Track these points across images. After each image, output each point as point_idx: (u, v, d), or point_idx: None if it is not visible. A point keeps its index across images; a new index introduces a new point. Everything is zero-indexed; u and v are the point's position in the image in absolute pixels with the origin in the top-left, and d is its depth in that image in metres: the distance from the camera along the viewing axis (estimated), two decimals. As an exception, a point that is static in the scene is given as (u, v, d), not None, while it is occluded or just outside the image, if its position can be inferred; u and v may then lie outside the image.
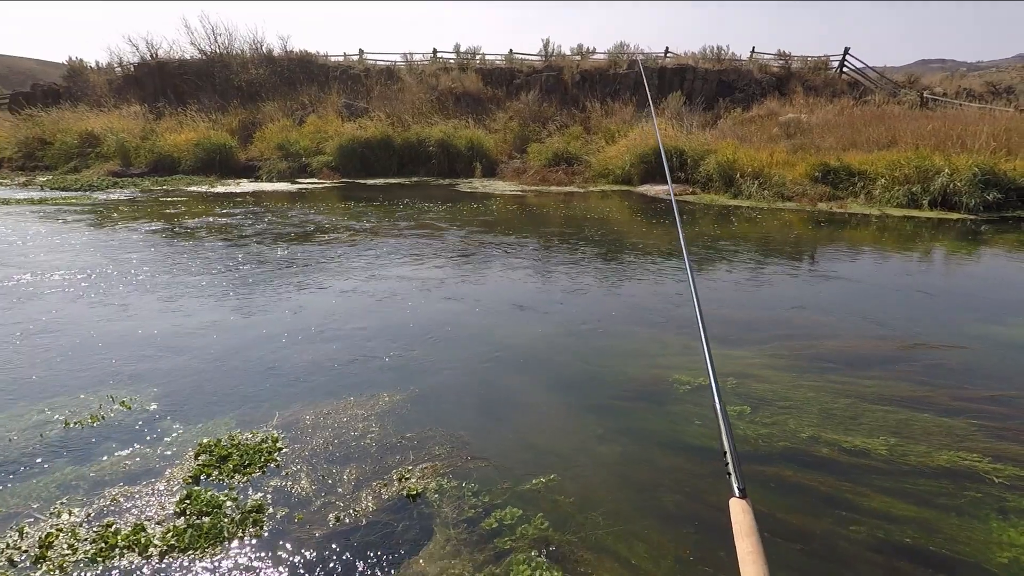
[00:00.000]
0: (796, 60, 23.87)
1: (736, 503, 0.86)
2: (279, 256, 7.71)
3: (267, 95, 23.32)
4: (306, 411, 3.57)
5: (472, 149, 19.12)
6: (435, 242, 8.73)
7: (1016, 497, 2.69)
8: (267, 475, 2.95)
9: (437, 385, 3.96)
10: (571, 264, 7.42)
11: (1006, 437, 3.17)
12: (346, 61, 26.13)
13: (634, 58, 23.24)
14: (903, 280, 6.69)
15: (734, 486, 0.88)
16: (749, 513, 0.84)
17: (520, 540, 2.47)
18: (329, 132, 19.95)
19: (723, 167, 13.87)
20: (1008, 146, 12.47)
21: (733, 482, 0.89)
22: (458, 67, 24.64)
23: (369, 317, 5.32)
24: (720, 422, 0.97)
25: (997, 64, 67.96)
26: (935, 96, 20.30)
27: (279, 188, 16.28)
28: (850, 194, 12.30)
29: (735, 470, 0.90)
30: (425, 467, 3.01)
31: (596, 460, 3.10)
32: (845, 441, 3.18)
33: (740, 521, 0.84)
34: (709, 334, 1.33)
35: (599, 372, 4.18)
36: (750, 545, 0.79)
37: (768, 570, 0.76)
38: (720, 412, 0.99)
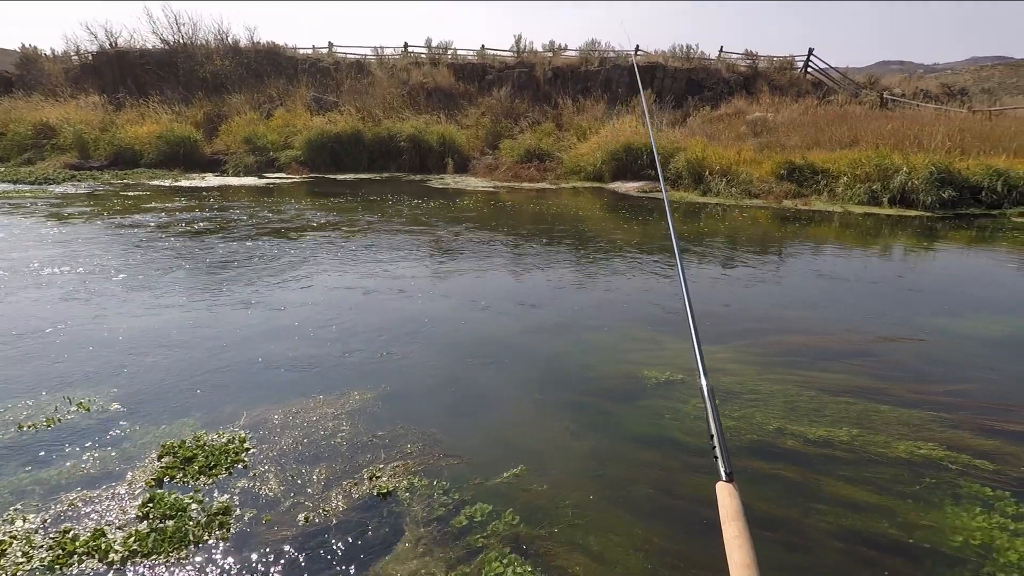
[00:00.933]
0: (762, 60, 24.30)
1: (723, 487, 0.85)
2: (246, 253, 7.55)
3: (233, 87, 22.76)
4: (274, 410, 3.50)
5: (444, 145, 18.99)
6: (406, 239, 8.66)
7: (968, 483, 2.79)
8: (234, 476, 2.89)
9: (409, 382, 3.93)
10: (544, 261, 7.44)
11: (960, 426, 3.30)
12: (315, 54, 25.67)
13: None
14: (865, 276, 6.88)
15: (721, 470, 0.87)
16: (736, 497, 0.83)
17: (491, 537, 2.47)
18: (298, 126, 19.59)
19: (692, 165, 14.05)
20: (962, 146, 12.93)
21: (720, 466, 0.87)
22: (429, 62, 24.43)
23: (339, 315, 5.25)
24: (707, 406, 0.96)
25: (952, 66, 70.35)
26: (894, 97, 20.90)
27: (246, 183, 15.93)
28: (814, 192, 12.60)
29: (722, 454, 0.88)
30: (396, 465, 2.99)
31: (567, 455, 3.11)
32: (810, 432, 3.26)
33: (727, 505, 0.83)
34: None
35: (571, 368, 4.21)
36: (736, 529, 0.79)
37: (754, 554, 0.75)
38: (707, 396, 0.97)
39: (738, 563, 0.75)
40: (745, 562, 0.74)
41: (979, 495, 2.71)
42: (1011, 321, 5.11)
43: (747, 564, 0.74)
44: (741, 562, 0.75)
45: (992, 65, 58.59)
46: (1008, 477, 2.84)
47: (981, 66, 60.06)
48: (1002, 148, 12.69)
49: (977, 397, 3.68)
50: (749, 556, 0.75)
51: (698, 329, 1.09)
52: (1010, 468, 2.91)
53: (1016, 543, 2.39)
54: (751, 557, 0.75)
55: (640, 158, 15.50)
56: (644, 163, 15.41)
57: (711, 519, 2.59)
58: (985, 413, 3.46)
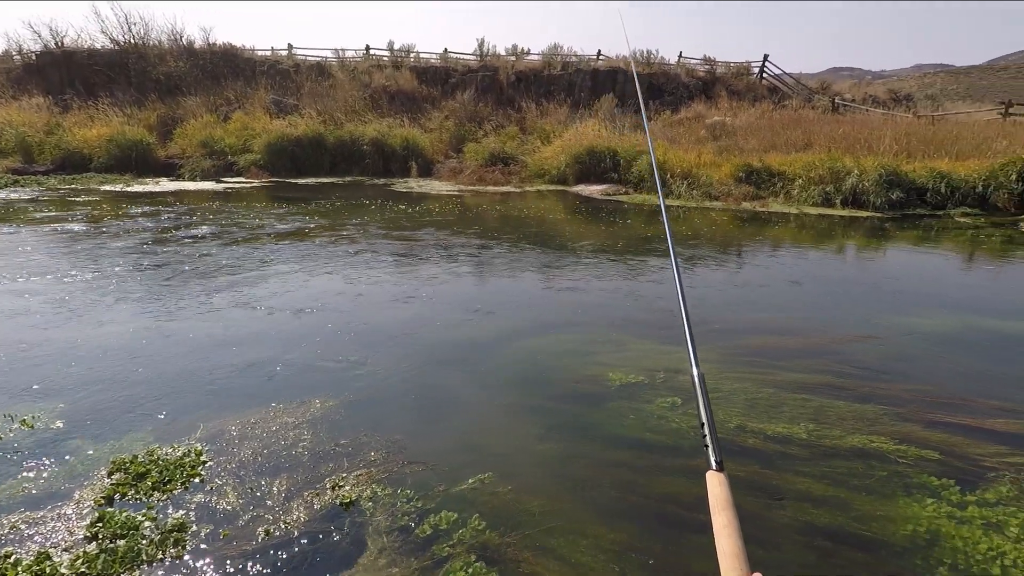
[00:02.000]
0: (720, 65, 24.87)
1: (713, 476, 0.85)
2: (201, 260, 7.34)
3: (188, 89, 22.13)
4: (232, 421, 3.41)
5: (407, 148, 18.85)
6: (369, 244, 8.55)
7: (917, 474, 2.90)
8: (190, 491, 2.80)
9: (372, 389, 3.87)
10: (509, 265, 7.44)
11: (910, 419, 3.42)
12: (274, 56, 25.19)
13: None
14: (820, 277, 7.09)
15: (711, 459, 0.87)
16: (726, 486, 0.83)
17: (457, 545, 2.45)
18: (257, 129, 19.16)
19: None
20: (908, 149, 13.46)
21: (710, 455, 0.87)
22: (392, 65, 24.23)
23: (299, 322, 5.15)
24: (698, 395, 0.95)
25: (898, 73, 73.27)
26: (845, 102, 21.66)
27: (203, 187, 15.50)
28: (771, 194, 12.94)
29: (712, 443, 0.88)
30: (360, 474, 2.94)
31: (534, 459, 3.11)
32: (769, 429, 3.34)
33: (716, 494, 0.83)
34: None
35: (537, 372, 4.21)
36: (726, 518, 0.78)
37: (743, 543, 0.75)
38: (699, 385, 0.96)
39: (727, 552, 0.75)
40: (734, 551, 0.74)
41: (927, 485, 2.82)
42: (957, 318, 5.33)
43: (736, 553, 0.74)
44: (730, 551, 0.74)
45: (935, 72, 61.34)
46: (953, 467, 2.96)
47: (925, 73, 62.78)
48: (944, 152, 13.26)
49: (926, 391, 3.82)
50: (738, 545, 0.75)
51: (691, 321, 1.08)
52: (955, 459, 3.03)
53: (961, 530, 2.49)
54: (740, 546, 0.75)
55: (603, 161, 15.67)
56: (607, 166, 15.58)
57: (677, 517, 2.63)
58: (932, 407, 3.59)
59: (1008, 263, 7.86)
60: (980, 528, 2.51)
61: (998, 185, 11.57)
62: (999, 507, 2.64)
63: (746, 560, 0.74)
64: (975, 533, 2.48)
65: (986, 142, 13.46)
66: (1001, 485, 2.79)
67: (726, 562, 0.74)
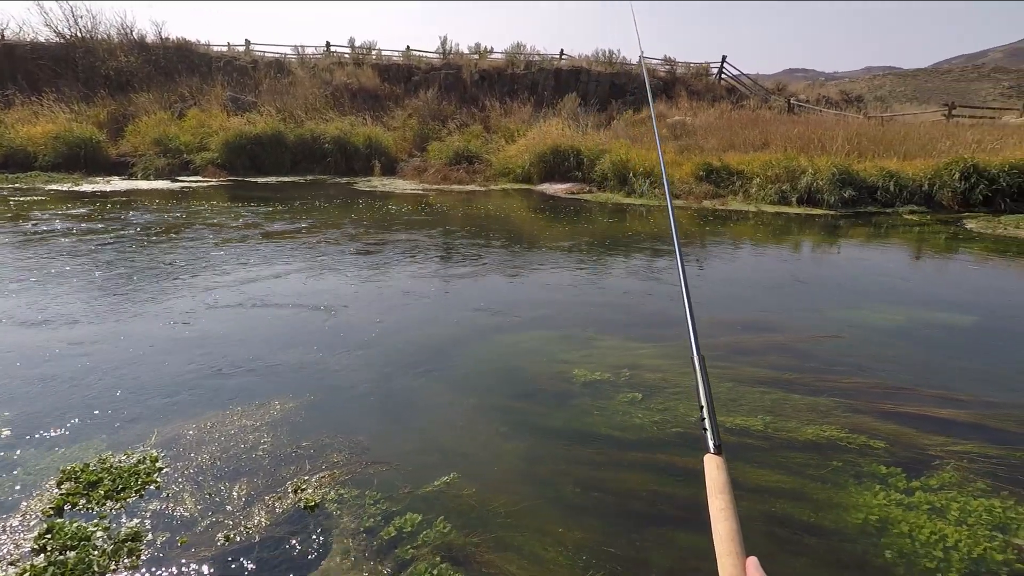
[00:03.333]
0: (680, 66, 25.33)
1: (711, 459, 0.85)
2: (156, 261, 7.12)
3: (140, 85, 21.40)
4: (189, 426, 3.32)
5: (370, 147, 18.63)
6: (331, 243, 8.43)
7: (868, 463, 3.02)
8: (145, 499, 2.72)
9: (334, 390, 3.82)
10: (474, 264, 7.43)
11: (860, 411, 3.55)
12: (230, 51, 24.57)
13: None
14: (777, 272, 7.30)
15: (709, 442, 0.87)
16: (723, 469, 0.82)
17: (422, 547, 2.44)
18: (214, 127, 18.66)
19: (617, 166, 14.45)
20: (859, 149, 13.96)
21: (708, 438, 0.87)
22: (353, 62, 23.92)
23: (259, 323, 5.04)
24: (698, 377, 0.95)
25: (849, 75, 75.89)
26: (800, 103, 22.32)
27: (157, 186, 15.02)
28: (730, 192, 13.24)
29: (711, 426, 0.88)
30: (323, 476, 2.90)
31: (499, 458, 3.12)
32: (728, 421, 3.42)
33: (714, 477, 0.82)
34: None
35: (502, 371, 4.22)
36: (723, 502, 0.78)
37: (740, 527, 0.75)
38: (698, 368, 0.96)
39: (723, 535, 0.75)
40: (730, 535, 0.74)
41: (877, 473, 2.93)
42: (905, 311, 5.56)
43: (732, 537, 0.74)
44: (727, 534, 0.75)
45: (884, 74, 63.69)
46: (901, 456, 3.09)
47: (875, 75, 65.15)
48: (893, 151, 13.79)
49: (875, 383, 3.97)
50: (735, 528, 0.75)
51: (692, 306, 1.08)
52: (902, 448, 3.16)
53: (907, 516, 2.60)
54: (736, 530, 0.75)
55: (567, 160, 15.79)
56: (571, 165, 15.71)
57: (639, 511, 2.67)
58: (881, 397, 3.74)
59: (951, 258, 8.23)
60: (925, 513, 2.62)
61: (942, 184, 12.10)
62: (942, 492, 2.77)
63: (742, 544, 0.74)
64: (920, 518, 2.59)
65: (931, 142, 14.05)
66: (944, 472, 2.93)
67: (722, 546, 0.74)
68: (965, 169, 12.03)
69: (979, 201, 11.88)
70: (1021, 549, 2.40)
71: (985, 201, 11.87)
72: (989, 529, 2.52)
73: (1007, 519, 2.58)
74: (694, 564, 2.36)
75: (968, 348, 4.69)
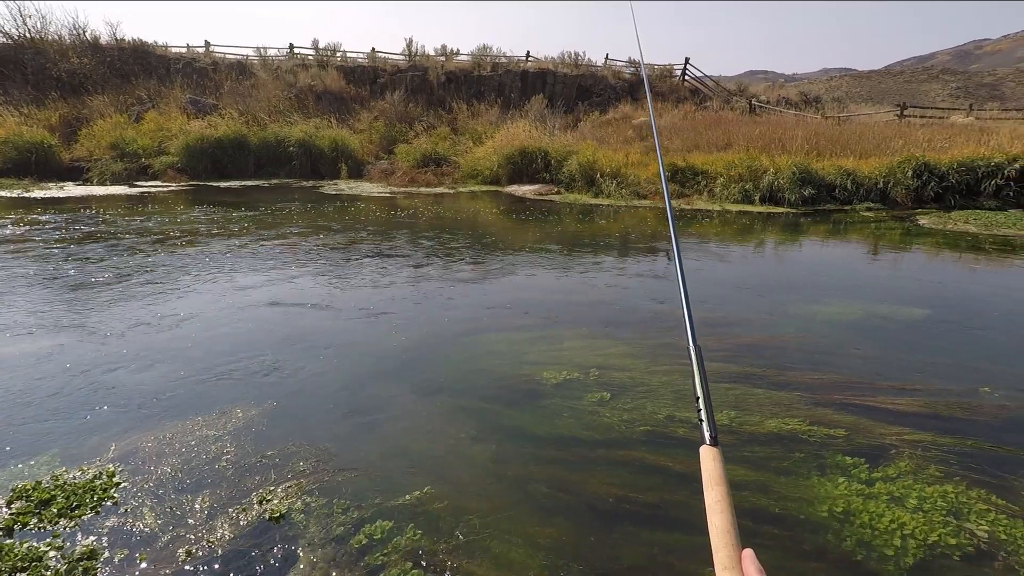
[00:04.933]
0: (645, 68, 25.67)
1: (707, 451, 0.84)
2: (113, 268, 6.90)
3: (94, 88, 20.75)
4: (147, 438, 3.22)
5: (336, 150, 18.42)
6: (296, 248, 8.29)
7: (830, 454, 3.10)
8: (102, 515, 2.62)
9: (299, 397, 3.75)
10: (442, 266, 7.39)
11: (821, 404, 3.64)
12: (190, 53, 24.00)
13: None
14: (741, 270, 7.44)
15: (705, 434, 0.86)
16: (719, 461, 0.82)
17: (392, 553, 2.41)
18: (173, 130, 18.21)
19: (584, 167, 14.57)
20: (818, 148, 14.36)
21: (705, 429, 0.86)
22: (317, 64, 23.61)
23: (219, 331, 4.92)
24: (694, 368, 0.94)
25: (807, 76, 78.02)
26: (761, 104, 22.83)
27: (114, 192, 14.57)
28: (695, 192, 13.47)
29: (707, 418, 0.87)
30: (289, 486, 2.84)
31: (469, 461, 3.11)
32: (695, 418, 3.46)
33: (710, 469, 0.82)
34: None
35: (471, 373, 4.20)
36: (718, 494, 0.78)
37: (735, 519, 0.75)
38: (695, 358, 0.95)
39: (719, 527, 0.74)
40: (726, 527, 0.74)
41: (840, 464, 3.01)
42: (862, 306, 5.72)
43: (728, 529, 0.74)
44: (722, 526, 0.74)
45: (840, 76, 65.67)
46: (861, 446, 3.17)
47: (831, 76, 67.12)
48: (850, 150, 14.22)
49: (834, 376, 4.08)
50: (730, 521, 0.74)
51: (689, 298, 1.08)
52: (861, 437, 3.25)
53: (868, 505, 2.68)
54: (732, 522, 0.74)
55: (535, 161, 15.85)
56: (539, 166, 15.78)
57: (608, 510, 2.69)
58: (842, 390, 3.84)
59: (906, 254, 8.51)
60: (884, 502, 2.70)
61: (896, 182, 12.52)
62: (899, 481, 2.86)
63: (737, 536, 0.73)
64: (880, 507, 2.67)
65: (885, 141, 14.54)
66: (901, 461, 3.02)
67: (718, 538, 0.73)
68: (917, 167, 12.47)
69: (931, 198, 12.33)
70: (972, 533, 2.49)
71: (936, 198, 12.33)
72: (943, 515, 2.61)
73: (959, 504, 2.68)
74: (664, 560, 2.39)
75: (921, 340, 4.86)
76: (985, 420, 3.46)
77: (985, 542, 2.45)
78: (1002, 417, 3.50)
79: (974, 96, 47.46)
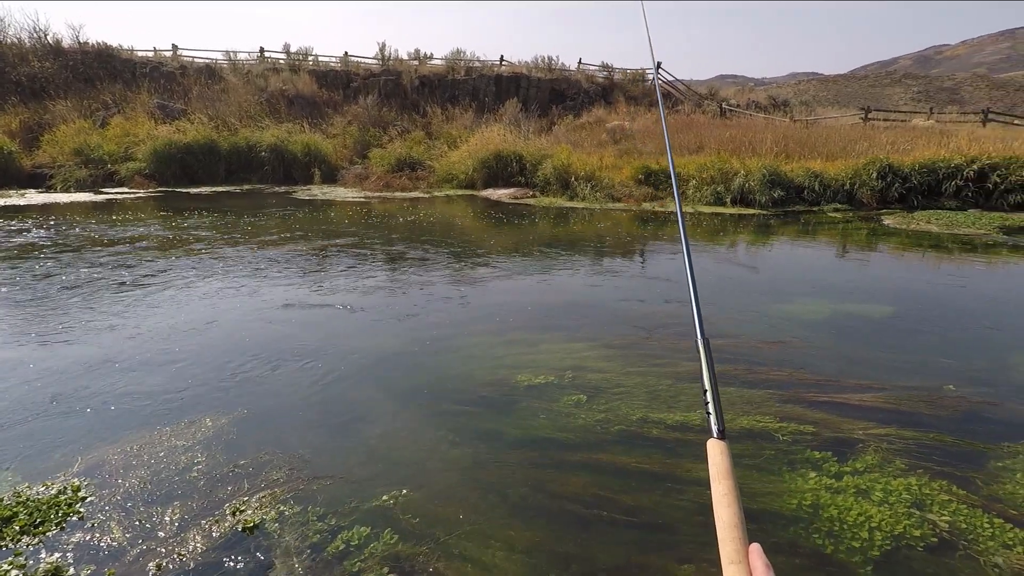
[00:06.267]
0: (617, 72, 25.94)
1: (714, 444, 0.83)
2: (76, 277, 6.73)
3: (57, 92, 20.23)
4: (114, 450, 3.14)
5: (309, 154, 18.23)
6: (267, 255, 8.18)
7: (799, 450, 3.16)
8: (67, 531, 2.56)
9: (271, 404, 3.71)
10: (417, 271, 7.37)
11: (790, 401, 3.72)
12: (157, 57, 23.55)
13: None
14: (713, 270, 7.56)
15: (713, 427, 0.85)
16: (726, 454, 0.81)
17: (369, 559, 2.40)
18: (140, 135, 17.83)
19: (559, 171, 14.65)
20: (787, 151, 14.66)
21: (712, 423, 0.85)
22: (289, 68, 23.35)
23: (187, 340, 4.83)
24: (703, 361, 0.93)
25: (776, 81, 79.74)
26: (731, 107, 23.23)
27: (79, 199, 14.20)
28: (669, 194, 13.62)
29: (715, 411, 0.86)
30: (263, 495, 2.81)
31: (446, 465, 3.10)
32: (669, 418, 3.52)
33: (717, 463, 0.81)
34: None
35: (447, 378, 4.20)
36: (725, 487, 0.77)
37: (742, 513, 0.74)
38: (703, 351, 0.94)
39: (725, 520, 0.73)
40: (733, 520, 0.73)
41: (809, 460, 3.08)
42: (830, 304, 5.86)
43: (735, 523, 0.73)
44: (729, 520, 0.73)
45: (808, 80, 67.16)
46: (829, 441, 3.25)
47: (799, 81, 68.62)
48: (817, 153, 14.55)
49: (803, 374, 4.17)
50: (737, 515, 0.74)
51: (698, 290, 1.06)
52: (829, 433, 3.33)
53: (836, 499, 2.74)
54: (739, 516, 0.74)
55: (510, 165, 15.88)
56: (514, 170, 15.81)
57: (583, 512, 2.71)
58: (810, 387, 3.93)
59: (872, 253, 8.74)
60: (852, 496, 2.77)
61: (862, 183, 12.84)
62: (866, 475, 2.94)
63: (744, 530, 0.72)
64: (848, 500, 2.74)
65: (851, 144, 14.91)
66: (867, 455, 3.10)
67: (724, 532, 0.73)
68: (881, 169, 12.81)
69: (895, 198, 12.68)
70: (935, 524, 2.57)
71: (900, 198, 12.68)
72: (908, 507, 2.68)
73: (923, 495, 2.76)
74: (639, 559, 2.41)
75: (885, 337, 4.99)
76: (947, 414, 3.57)
77: (947, 532, 2.53)
78: (962, 410, 3.61)
79: (935, 100, 49.02)
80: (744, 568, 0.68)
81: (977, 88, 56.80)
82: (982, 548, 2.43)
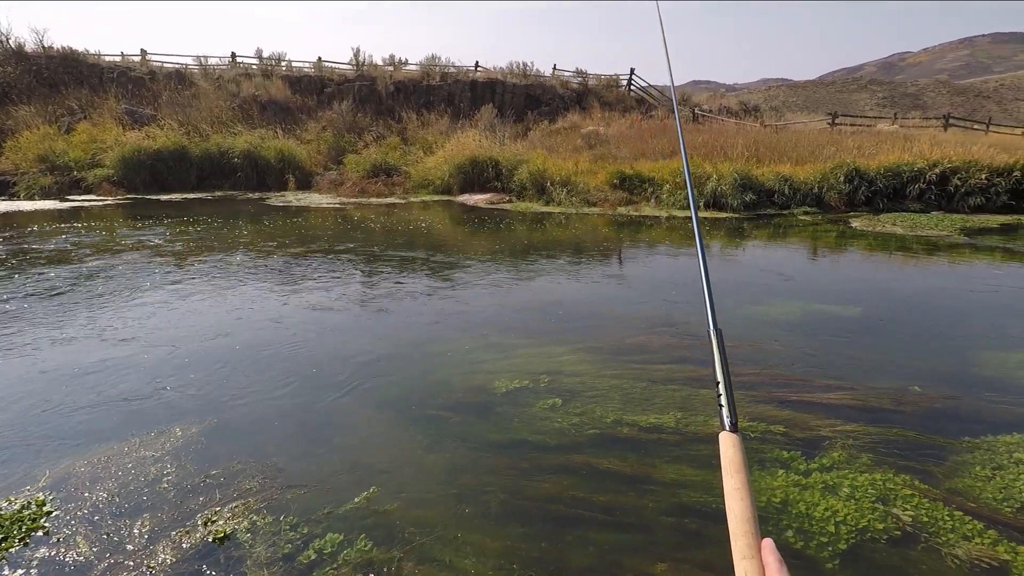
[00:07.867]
0: (592, 78, 26.18)
1: (727, 437, 0.82)
2: (38, 287, 6.56)
3: (20, 98, 19.71)
4: (80, 463, 3.08)
5: (283, 160, 18.03)
6: (238, 262, 8.07)
7: (769, 448, 3.23)
8: (32, 546, 2.50)
9: (243, 413, 3.66)
10: (393, 277, 7.34)
11: (761, 400, 3.80)
12: (124, 62, 23.08)
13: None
14: (686, 273, 7.67)
15: (725, 420, 0.83)
16: (739, 448, 0.80)
17: (343, 566, 2.39)
18: (108, 141, 17.45)
19: (535, 176, 14.72)
20: (758, 155, 14.94)
21: (724, 416, 0.84)
22: (261, 73, 23.08)
23: (155, 349, 4.75)
24: (715, 353, 0.91)
25: (747, 87, 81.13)
26: (704, 112, 23.60)
27: (43, 207, 13.85)
28: (643, 199, 13.80)
29: (728, 403, 0.85)
30: (235, 505, 2.77)
31: (421, 471, 3.10)
32: (642, 420, 3.56)
33: (730, 456, 0.80)
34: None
35: (423, 384, 4.19)
36: (738, 481, 0.76)
37: (755, 507, 0.74)
38: (716, 343, 0.92)
39: (738, 515, 0.73)
40: (745, 515, 0.73)
41: (778, 458, 3.14)
42: (800, 305, 5.99)
43: (747, 517, 0.72)
44: (741, 515, 0.73)
45: (778, 86, 68.55)
46: (798, 439, 3.33)
47: (770, 86, 69.99)
48: (787, 157, 14.86)
49: (773, 373, 4.26)
50: (749, 509, 0.73)
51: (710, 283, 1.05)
52: (798, 431, 3.41)
53: (804, 495, 2.81)
54: (751, 510, 0.73)
55: (486, 170, 15.91)
56: (490, 175, 15.84)
57: (559, 514, 2.73)
58: (780, 386, 4.02)
59: (840, 254, 8.96)
60: (819, 492, 2.84)
61: (830, 186, 13.16)
62: (833, 471, 3.01)
63: (757, 525, 0.72)
64: (815, 496, 2.80)
65: (819, 148, 15.26)
66: (834, 452, 3.18)
67: (737, 526, 0.72)
68: (849, 173, 13.14)
69: (862, 201, 13.01)
70: (898, 518, 2.65)
71: (867, 201, 13.02)
72: (873, 502, 2.76)
73: (887, 490, 2.84)
74: (612, 559, 2.44)
75: (852, 337, 5.12)
76: (911, 411, 3.68)
77: (909, 525, 2.60)
78: (925, 407, 3.73)
79: (899, 105, 50.42)
80: (757, 564, 0.68)
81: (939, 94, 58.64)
82: (943, 540, 2.51)
